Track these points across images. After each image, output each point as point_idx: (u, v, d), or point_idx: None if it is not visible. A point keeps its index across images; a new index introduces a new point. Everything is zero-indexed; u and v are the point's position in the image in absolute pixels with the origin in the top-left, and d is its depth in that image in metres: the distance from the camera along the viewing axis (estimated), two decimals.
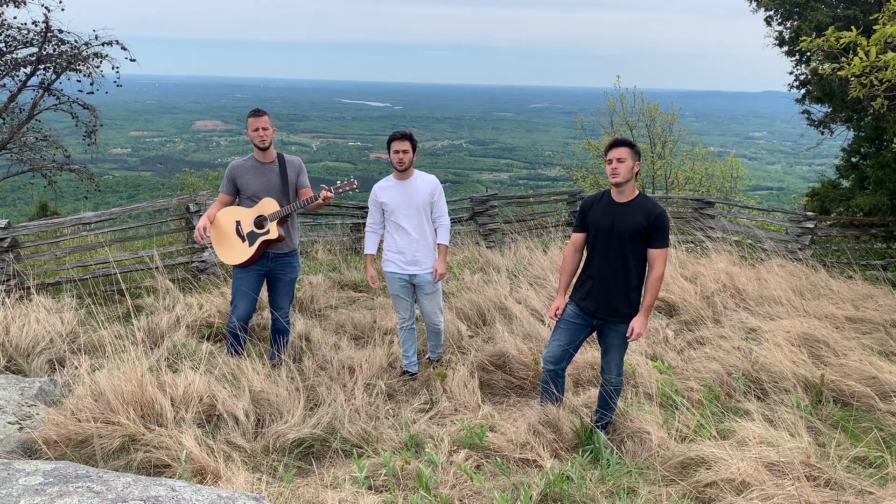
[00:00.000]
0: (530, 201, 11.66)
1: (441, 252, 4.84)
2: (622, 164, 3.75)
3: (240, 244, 4.70)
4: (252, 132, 4.64)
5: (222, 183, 4.79)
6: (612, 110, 19.28)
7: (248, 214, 4.70)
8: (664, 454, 3.73)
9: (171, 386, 4.10)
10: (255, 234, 4.67)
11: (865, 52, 6.73)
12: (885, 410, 4.53)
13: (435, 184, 4.83)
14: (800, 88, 11.44)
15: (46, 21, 12.25)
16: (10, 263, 6.98)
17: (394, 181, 4.80)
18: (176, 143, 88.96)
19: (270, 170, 4.73)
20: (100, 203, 24.90)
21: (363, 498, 3.18)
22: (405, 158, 4.66)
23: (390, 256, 4.85)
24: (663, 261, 3.81)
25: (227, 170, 4.78)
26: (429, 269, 4.81)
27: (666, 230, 3.78)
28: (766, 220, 11.32)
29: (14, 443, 3.62)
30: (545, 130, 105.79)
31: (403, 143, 4.65)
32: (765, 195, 43.45)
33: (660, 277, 3.81)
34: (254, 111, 4.66)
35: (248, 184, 4.69)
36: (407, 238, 4.76)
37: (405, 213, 4.73)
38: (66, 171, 14.40)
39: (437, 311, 4.97)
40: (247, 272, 4.77)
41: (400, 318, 5.02)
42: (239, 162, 4.81)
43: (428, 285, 4.84)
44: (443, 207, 4.85)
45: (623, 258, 3.84)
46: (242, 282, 4.77)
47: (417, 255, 4.78)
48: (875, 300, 6.94)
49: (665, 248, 3.80)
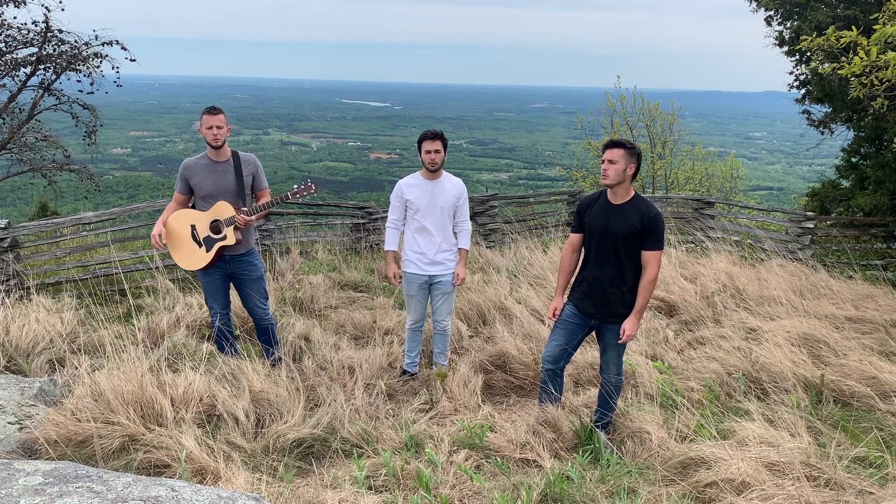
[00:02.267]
0: (530, 201, 11.66)
1: (462, 256, 4.85)
2: (613, 166, 3.74)
3: (197, 249, 4.57)
4: (206, 129, 4.43)
5: (176, 182, 4.61)
6: (612, 110, 19.29)
7: (202, 218, 4.55)
8: (664, 454, 3.73)
9: (171, 386, 4.10)
10: (211, 239, 4.55)
11: (866, 52, 6.73)
12: (885, 410, 4.53)
13: (461, 188, 4.82)
14: (800, 88, 11.45)
15: (46, 21, 12.25)
16: (10, 263, 6.98)
17: (421, 180, 4.74)
18: (176, 143, 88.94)
19: (224, 169, 4.55)
20: (100, 203, 24.88)
21: (363, 498, 3.18)
22: (437, 158, 4.63)
23: (411, 256, 4.82)
24: (657, 263, 3.79)
25: (181, 169, 4.59)
26: (448, 271, 4.80)
27: (659, 232, 3.76)
28: (766, 220, 11.31)
29: (14, 443, 3.62)
30: (545, 130, 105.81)
31: (435, 142, 4.61)
32: (765, 195, 43.44)
33: (653, 280, 3.79)
34: (209, 108, 4.48)
35: (201, 183, 4.52)
36: (429, 239, 4.74)
37: (430, 213, 4.71)
38: (66, 171, 14.40)
39: (449, 312, 4.99)
40: (210, 274, 4.69)
41: (410, 319, 4.98)
42: (192, 161, 4.61)
43: (446, 286, 4.84)
44: (466, 212, 4.85)
45: (618, 260, 3.83)
46: (209, 284, 4.72)
47: (438, 257, 4.76)
48: (875, 300, 6.94)
49: (658, 250, 3.78)
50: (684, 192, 17.17)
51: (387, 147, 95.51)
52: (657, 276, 3.82)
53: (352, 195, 23.47)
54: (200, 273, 4.70)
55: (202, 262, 4.58)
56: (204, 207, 4.58)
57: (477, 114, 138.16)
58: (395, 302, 7.00)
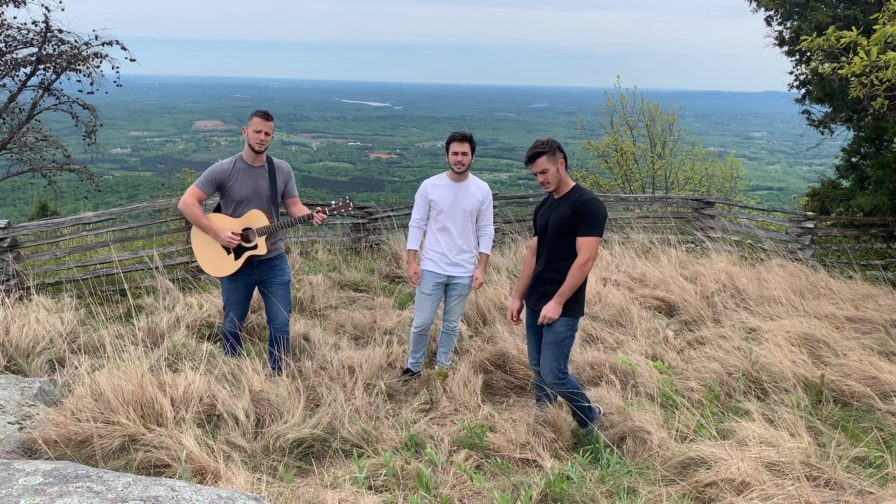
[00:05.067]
0: (530, 201, 11.66)
1: (482, 260, 4.86)
2: (545, 175, 3.81)
3: (225, 257, 4.51)
4: (254, 132, 4.39)
5: (203, 182, 4.44)
6: (612, 110, 19.26)
7: (234, 225, 4.47)
8: (664, 454, 3.73)
9: (171, 386, 4.10)
10: (241, 247, 4.49)
11: (866, 52, 6.73)
12: (885, 410, 4.53)
13: (486, 192, 4.83)
14: (800, 88, 11.44)
15: (46, 21, 12.25)
16: (10, 263, 6.98)
17: (447, 181, 4.75)
18: (176, 143, 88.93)
19: (260, 174, 4.51)
20: (100, 203, 24.88)
21: (363, 498, 3.18)
22: (464, 160, 4.63)
23: (431, 255, 4.83)
24: (588, 249, 3.74)
25: (214, 172, 4.46)
26: (466, 273, 4.81)
27: (591, 218, 3.72)
28: (766, 220, 11.31)
29: (14, 443, 3.62)
30: (545, 130, 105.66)
31: (463, 144, 4.61)
32: (765, 195, 43.43)
33: (582, 266, 3.74)
34: (264, 113, 4.42)
35: (236, 188, 4.44)
36: (451, 240, 4.75)
37: (453, 215, 4.72)
38: (66, 171, 14.40)
39: (460, 313, 5.02)
40: (236, 282, 4.61)
41: (417, 320, 4.92)
42: (227, 164, 4.49)
43: (463, 289, 4.85)
44: (489, 216, 4.86)
45: (557, 252, 3.86)
46: (232, 292, 4.65)
47: (459, 258, 4.77)
48: (875, 300, 6.94)
49: (592, 236, 3.73)
50: (684, 192, 17.17)
51: (387, 147, 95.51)
52: (588, 264, 3.76)
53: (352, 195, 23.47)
54: (225, 279, 4.63)
55: (230, 269, 4.52)
56: (235, 213, 4.49)
57: (477, 114, 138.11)
58: (396, 302, 7.00)
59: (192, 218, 4.47)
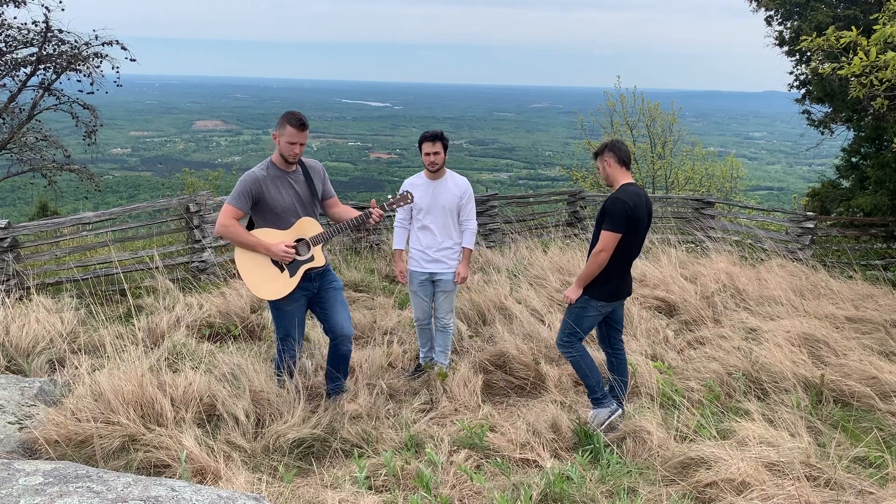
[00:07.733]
0: (530, 201, 11.68)
1: (465, 255, 4.89)
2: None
3: (278, 275, 3.98)
4: (287, 143, 3.89)
5: (237, 198, 3.88)
6: (612, 110, 19.28)
7: (286, 238, 3.98)
8: (664, 454, 3.73)
9: (171, 386, 4.10)
10: (296, 262, 4.00)
11: (865, 52, 6.73)
12: (885, 410, 4.52)
13: (465, 187, 4.86)
14: (800, 88, 11.45)
15: (46, 21, 12.26)
16: (10, 263, 6.98)
17: (424, 179, 4.81)
18: (176, 143, 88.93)
19: (296, 179, 4.04)
20: (100, 203, 24.89)
21: (363, 498, 3.18)
22: (437, 160, 4.68)
23: (413, 254, 4.91)
24: (602, 241, 3.99)
25: (246, 184, 3.89)
26: (448, 269, 4.86)
27: (609, 214, 3.96)
28: (767, 220, 11.32)
29: (14, 443, 3.62)
30: (545, 130, 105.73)
31: (435, 144, 4.65)
32: (765, 195, 43.43)
33: (595, 255, 4.02)
34: (300, 123, 3.89)
35: (275, 198, 3.94)
36: (432, 237, 4.81)
37: (432, 212, 4.77)
38: (66, 171, 14.42)
39: (449, 309, 5.04)
40: (296, 300, 4.08)
41: (416, 315, 5.07)
42: (259, 174, 3.94)
43: (447, 284, 4.89)
44: (471, 211, 4.88)
45: (593, 243, 4.20)
46: (296, 312, 4.12)
47: (439, 255, 4.82)
48: (875, 300, 6.94)
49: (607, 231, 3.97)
50: (684, 192, 17.17)
51: (387, 147, 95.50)
52: (601, 255, 4.02)
53: (352, 195, 23.42)
54: (282, 301, 4.06)
55: (287, 288, 3.99)
56: (279, 225, 3.99)
57: (477, 114, 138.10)
58: (396, 302, 7.00)
59: (233, 238, 3.94)
